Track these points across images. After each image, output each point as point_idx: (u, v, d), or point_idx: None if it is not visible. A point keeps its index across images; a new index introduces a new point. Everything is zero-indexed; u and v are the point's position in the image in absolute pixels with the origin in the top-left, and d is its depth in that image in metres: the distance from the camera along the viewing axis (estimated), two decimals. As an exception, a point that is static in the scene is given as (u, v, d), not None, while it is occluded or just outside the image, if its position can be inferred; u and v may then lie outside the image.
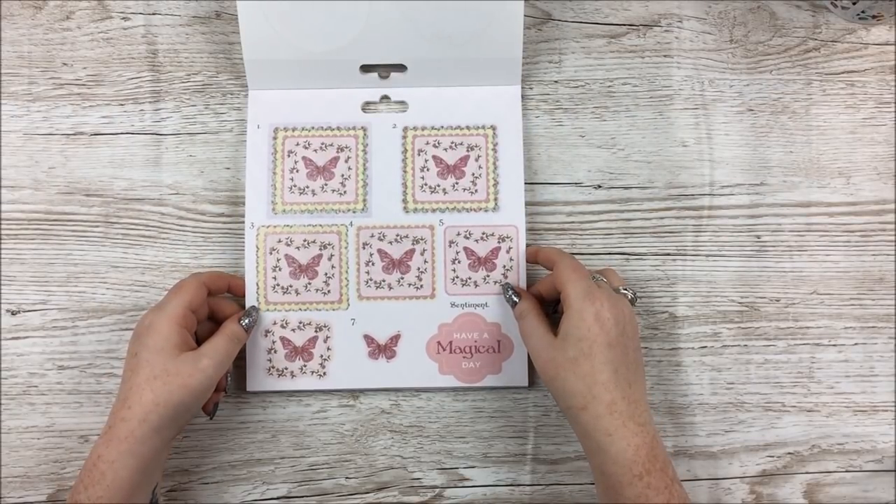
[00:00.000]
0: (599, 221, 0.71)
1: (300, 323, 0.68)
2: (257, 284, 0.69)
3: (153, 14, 0.72)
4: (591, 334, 0.58)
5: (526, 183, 0.70)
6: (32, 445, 0.69)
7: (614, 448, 0.56)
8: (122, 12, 0.72)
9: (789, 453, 0.69)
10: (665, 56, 0.72)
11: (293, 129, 0.70)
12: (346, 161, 0.70)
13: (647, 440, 0.57)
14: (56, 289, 0.70)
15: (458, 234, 0.69)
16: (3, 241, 0.70)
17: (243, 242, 0.70)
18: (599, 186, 0.71)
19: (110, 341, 0.70)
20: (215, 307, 0.67)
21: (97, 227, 0.70)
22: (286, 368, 0.68)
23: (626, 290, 0.62)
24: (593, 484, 0.68)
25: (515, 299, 0.65)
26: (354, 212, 0.69)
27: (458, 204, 0.70)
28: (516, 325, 0.67)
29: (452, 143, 0.70)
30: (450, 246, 0.69)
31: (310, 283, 0.69)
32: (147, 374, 0.59)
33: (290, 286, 0.69)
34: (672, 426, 0.69)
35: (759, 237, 0.71)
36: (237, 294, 0.68)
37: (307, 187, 0.70)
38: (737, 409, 0.70)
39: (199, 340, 0.63)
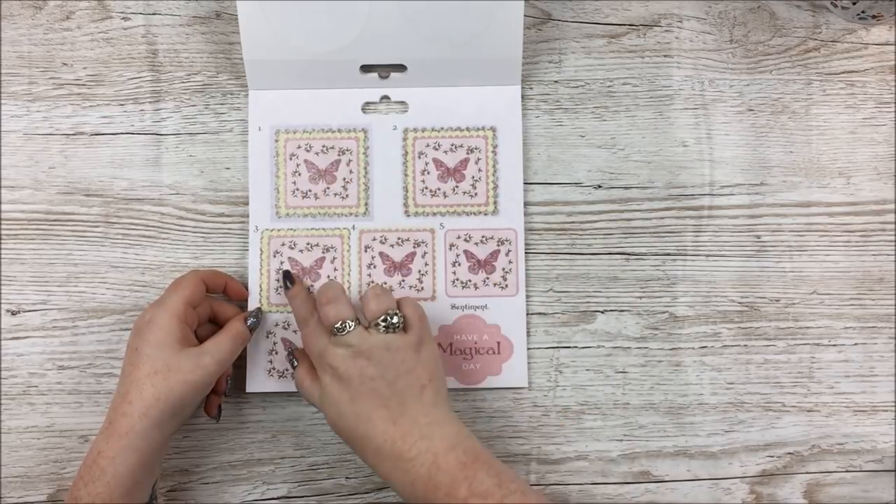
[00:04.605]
0: (599, 221, 0.71)
1: (302, 325, 0.69)
2: (260, 286, 0.69)
3: (153, 14, 0.72)
4: (333, 399, 0.60)
5: (526, 183, 0.70)
6: (32, 445, 0.69)
7: (396, 489, 0.58)
8: (122, 12, 0.72)
9: (789, 453, 0.69)
10: (665, 56, 0.72)
11: (294, 132, 0.70)
12: (348, 164, 0.70)
13: (421, 472, 0.56)
14: (56, 289, 0.70)
15: (459, 238, 0.69)
16: (3, 241, 0.70)
17: (243, 242, 0.70)
18: (599, 186, 0.71)
19: (110, 341, 0.70)
20: (218, 309, 0.67)
21: (97, 227, 0.70)
22: (287, 370, 0.68)
23: (384, 317, 0.60)
24: (593, 484, 0.68)
25: (295, 363, 0.65)
26: (356, 216, 0.70)
27: (458, 207, 0.70)
28: (516, 326, 0.68)
29: (452, 145, 0.70)
30: (450, 249, 0.69)
31: (312, 286, 0.69)
32: (148, 369, 0.59)
33: (293, 288, 0.69)
34: (672, 426, 0.69)
35: (759, 237, 0.71)
36: (233, 297, 0.68)
37: (309, 191, 0.70)
38: (737, 409, 0.70)
39: (201, 342, 0.63)
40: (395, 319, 0.60)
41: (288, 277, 0.66)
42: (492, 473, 0.56)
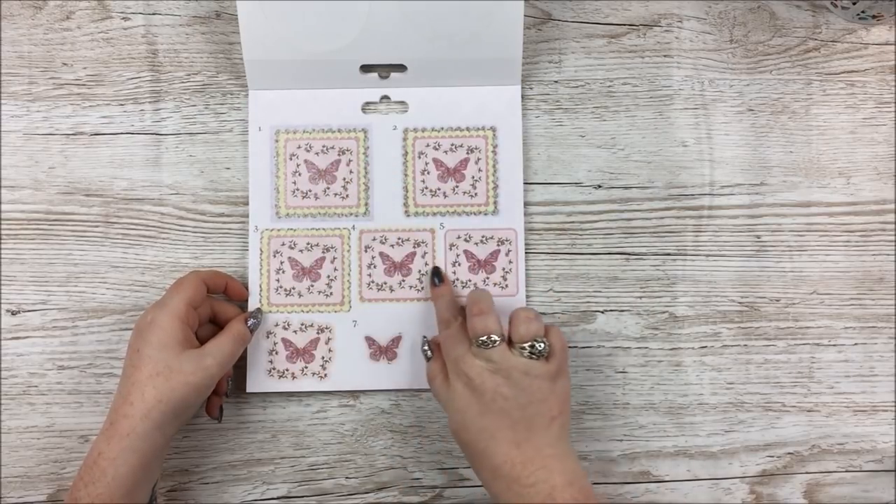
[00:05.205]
0: (599, 221, 0.71)
1: (302, 325, 0.69)
2: (260, 286, 0.69)
3: (153, 14, 0.72)
4: (460, 407, 0.60)
5: (526, 183, 0.70)
6: (32, 445, 0.69)
7: None
8: (122, 12, 0.72)
9: (789, 453, 0.69)
10: (665, 56, 0.72)
11: (294, 132, 0.70)
12: (348, 164, 0.70)
13: (535, 501, 0.56)
14: (56, 289, 0.70)
15: (459, 238, 0.69)
16: (3, 241, 0.70)
17: (243, 242, 0.70)
18: (599, 186, 0.71)
19: (110, 341, 0.70)
20: (219, 310, 0.67)
21: (97, 227, 0.70)
22: (287, 370, 0.68)
23: (531, 343, 0.60)
24: (593, 484, 0.68)
25: (429, 354, 0.65)
26: (357, 216, 0.70)
27: (458, 207, 0.70)
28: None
29: (452, 145, 0.70)
30: (450, 249, 0.69)
31: (312, 286, 0.69)
32: (150, 371, 0.59)
33: (293, 288, 0.69)
34: (672, 426, 0.69)
35: (759, 237, 0.71)
36: (233, 297, 0.68)
37: (310, 191, 0.70)
38: (737, 409, 0.70)
39: (201, 342, 0.63)
40: (541, 347, 0.59)
41: (437, 274, 0.67)
42: None
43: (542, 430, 0.58)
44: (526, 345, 0.59)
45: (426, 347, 0.65)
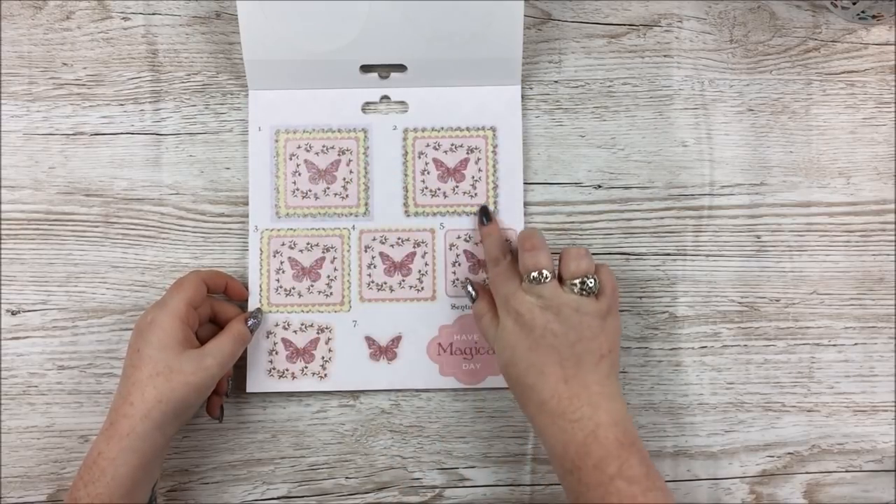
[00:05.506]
0: (599, 221, 0.71)
1: (302, 325, 0.69)
2: (260, 286, 0.69)
3: (153, 14, 0.72)
4: (510, 343, 0.60)
5: (526, 183, 0.70)
6: (32, 445, 0.69)
7: (546, 444, 0.59)
8: (122, 12, 0.72)
9: (789, 453, 0.69)
10: (665, 56, 0.72)
11: (294, 132, 0.70)
12: (348, 164, 0.70)
13: (577, 437, 0.56)
14: (56, 289, 0.70)
15: (459, 238, 0.69)
16: (3, 241, 0.70)
17: (243, 242, 0.70)
18: (599, 186, 0.71)
19: (110, 341, 0.70)
20: (219, 309, 0.67)
21: (97, 227, 0.70)
22: (287, 370, 0.68)
23: (581, 280, 0.60)
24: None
25: (473, 295, 0.66)
26: (356, 216, 0.70)
27: (458, 207, 0.70)
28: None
29: (452, 145, 0.70)
30: (450, 249, 0.69)
31: (312, 286, 0.69)
32: (150, 371, 0.59)
33: (293, 288, 0.69)
34: (672, 426, 0.69)
35: (759, 237, 0.71)
36: (233, 297, 0.68)
37: (310, 191, 0.70)
38: (737, 409, 0.70)
39: (201, 342, 0.63)
40: (591, 284, 0.60)
41: (485, 213, 0.67)
42: (644, 463, 0.56)
43: (590, 368, 0.59)
44: (577, 281, 0.60)
45: (470, 288, 0.66)
